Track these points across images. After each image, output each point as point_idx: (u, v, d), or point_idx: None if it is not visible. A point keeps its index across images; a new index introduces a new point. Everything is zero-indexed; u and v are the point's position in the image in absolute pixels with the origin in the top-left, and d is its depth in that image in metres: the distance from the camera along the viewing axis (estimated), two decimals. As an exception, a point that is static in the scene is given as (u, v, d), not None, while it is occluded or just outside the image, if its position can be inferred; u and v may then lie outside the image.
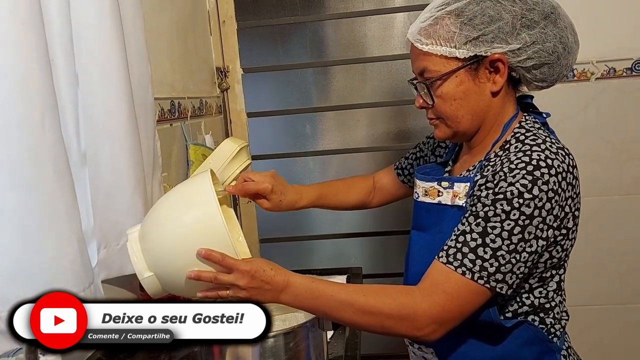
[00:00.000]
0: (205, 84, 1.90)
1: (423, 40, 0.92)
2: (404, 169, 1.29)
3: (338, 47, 2.01)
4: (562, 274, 0.96)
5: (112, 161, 1.06)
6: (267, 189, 1.16)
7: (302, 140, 2.07)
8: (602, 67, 1.92)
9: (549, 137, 0.92)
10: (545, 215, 0.84)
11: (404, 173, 1.29)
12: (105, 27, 1.01)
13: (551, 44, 0.91)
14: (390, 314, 0.85)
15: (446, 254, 0.87)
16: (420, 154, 1.25)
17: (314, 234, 2.12)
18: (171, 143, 1.50)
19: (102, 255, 1.07)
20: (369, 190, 1.33)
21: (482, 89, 0.93)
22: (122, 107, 1.06)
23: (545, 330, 0.95)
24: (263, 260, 0.88)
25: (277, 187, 1.17)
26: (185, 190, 0.93)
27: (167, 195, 0.94)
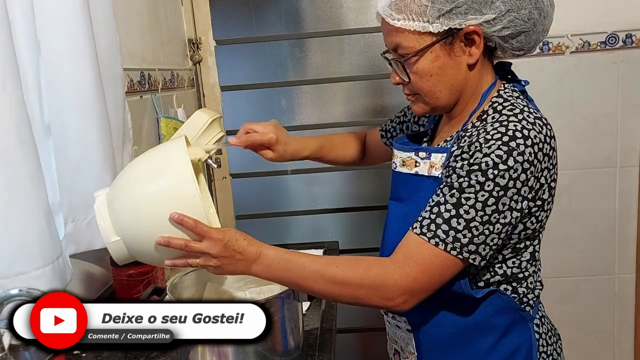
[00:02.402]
0: (177, 55, 1.86)
1: (394, 16, 0.89)
2: (387, 131, 1.28)
3: (314, 19, 1.97)
4: (537, 244, 0.96)
5: (79, 133, 1.03)
6: (272, 139, 1.14)
7: (277, 115, 2.04)
8: (577, 40, 1.93)
9: (527, 106, 0.91)
10: (520, 187, 0.84)
11: (386, 135, 1.28)
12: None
13: (526, 10, 0.89)
14: (362, 284, 0.85)
15: (420, 224, 0.86)
16: (404, 119, 1.24)
17: (291, 210, 2.11)
18: (142, 116, 1.46)
19: (70, 229, 1.04)
20: (362, 149, 1.34)
21: (458, 62, 0.91)
22: (88, 76, 1.03)
23: (517, 300, 0.96)
24: (236, 231, 0.87)
25: (281, 137, 1.16)
26: (158, 154, 0.91)
27: (138, 159, 0.91)
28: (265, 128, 1.14)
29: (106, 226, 0.83)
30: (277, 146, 1.16)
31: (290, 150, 1.18)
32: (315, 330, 1.06)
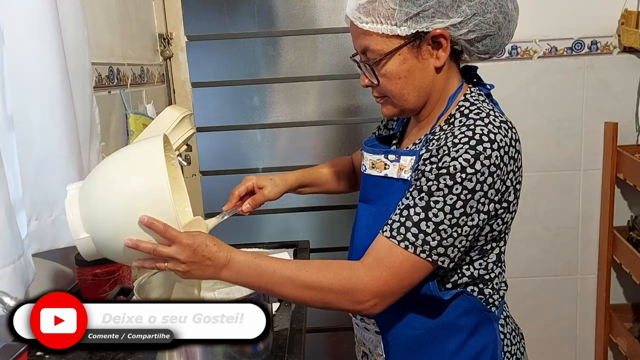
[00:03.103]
0: (147, 50, 1.82)
1: (363, 19, 0.90)
2: None
3: (287, 17, 1.96)
4: (503, 246, 0.98)
5: (44, 127, 1.00)
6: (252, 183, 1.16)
7: (249, 113, 2.02)
8: (545, 45, 1.98)
9: (493, 110, 0.92)
10: (487, 190, 0.86)
11: None
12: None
13: (492, 14, 0.90)
14: (332, 288, 0.85)
15: (390, 228, 0.87)
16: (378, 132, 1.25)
17: (261, 208, 2.08)
18: (110, 111, 1.43)
19: (33, 227, 1.01)
20: (353, 174, 1.33)
21: (426, 65, 0.92)
22: (54, 69, 1.00)
23: (483, 301, 0.97)
24: (206, 235, 0.86)
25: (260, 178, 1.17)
26: (134, 152, 0.89)
27: (114, 155, 0.89)
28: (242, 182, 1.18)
29: (76, 222, 0.82)
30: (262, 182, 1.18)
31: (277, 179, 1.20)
32: (284, 331, 1.06)
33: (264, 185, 1.17)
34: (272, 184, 1.18)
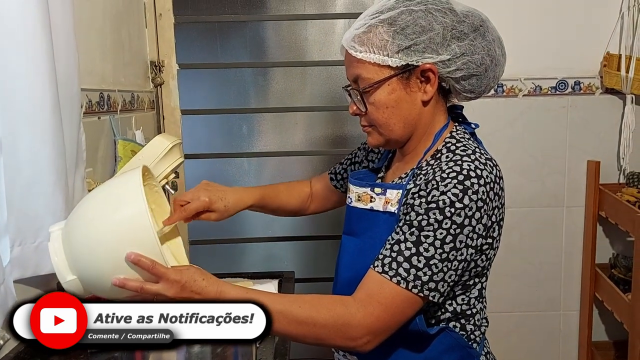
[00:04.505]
0: (138, 77, 1.83)
1: (357, 48, 0.93)
2: (338, 173, 1.29)
3: (278, 48, 2.00)
4: (484, 281, 0.99)
5: (32, 152, 1.00)
6: (205, 203, 1.10)
7: (237, 141, 2.03)
8: (529, 84, 2.02)
9: (478, 147, 0.95)
10: (475, 224, 0.87)
11: (337, 178, 1.29)
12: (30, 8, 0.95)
13: (479, 55, 0.94)
14: (325, 324, 0.85)
15: (381, 263, 0.88)
16: (355, 159, 1.26)
17: (246, 236, 2.09)
18: (98, 137, 1.43)
19: (16, 252, 1.00)
20: (307, 196, 1.32)
21: (414, 98, 0.95)
22: (45, 95, 1.00)
23: (465, 337, 0.98)
24: (195, 270, 0.85)
25: (214, 194, 1.12)
26: (114, 186, 0.88)
27: (94, 192, 0.89)
28: (195, 194, 1.11)
29: (61, 265, 0.80)
30: (215, 205, 1.12)
31: (230, 203, 1.14)
32: (267, 364, 1.04)
33: (215, 209, 1.12)
34: (224, 210, 1.13)
